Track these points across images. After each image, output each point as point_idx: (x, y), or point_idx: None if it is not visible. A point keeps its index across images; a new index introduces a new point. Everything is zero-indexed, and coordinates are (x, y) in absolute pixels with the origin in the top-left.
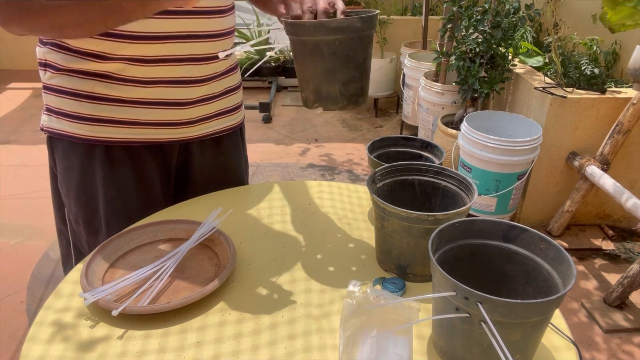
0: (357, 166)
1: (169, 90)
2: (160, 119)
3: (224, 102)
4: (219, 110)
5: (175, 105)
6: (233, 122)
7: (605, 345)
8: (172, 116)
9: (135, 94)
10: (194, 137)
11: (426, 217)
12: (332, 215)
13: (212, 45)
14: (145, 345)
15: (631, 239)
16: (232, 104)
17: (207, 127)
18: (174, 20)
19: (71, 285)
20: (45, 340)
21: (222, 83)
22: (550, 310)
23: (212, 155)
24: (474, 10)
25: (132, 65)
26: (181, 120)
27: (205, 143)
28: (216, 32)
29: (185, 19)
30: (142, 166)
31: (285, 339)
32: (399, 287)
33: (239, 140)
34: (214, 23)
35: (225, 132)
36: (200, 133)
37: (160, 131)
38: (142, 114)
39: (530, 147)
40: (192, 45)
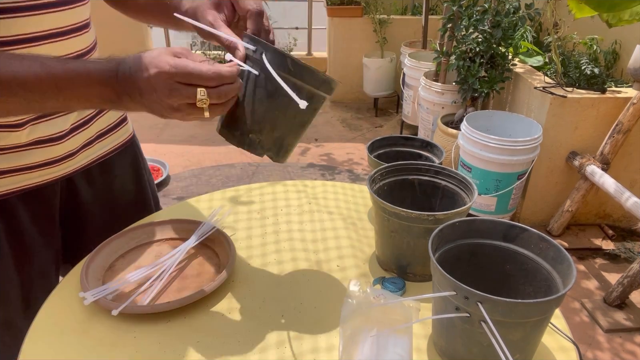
0: (357, 166)
1: (38, 127)
2: (33, 162)
3: (103, 121)
4: (100, 131)
5: (48, 142)
6: (122, 139)
7: (607, 345)
8: (49, 154)
9: (9, 140)
10: (76, 169)
11: (426, 216)
12: (332, 215)
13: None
14: (145, 345)
15: (631, 238)
16: (112, 121)
17: (91, 153)
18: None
19: (71, 285)
20: (45, 339)
21: None
22: (550, 309)
23: (103, 183)
24: (474, 10)
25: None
26: (59, 156)
27: (92, 171)
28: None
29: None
30: (16, 221)
31: (285, 339)
32: (399, 287)
33: (134, 155)
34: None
35: (114, 152)
36: (83, 163)
37: (36, 174)
38: (10, 161)
39: (530, 147)
40: None
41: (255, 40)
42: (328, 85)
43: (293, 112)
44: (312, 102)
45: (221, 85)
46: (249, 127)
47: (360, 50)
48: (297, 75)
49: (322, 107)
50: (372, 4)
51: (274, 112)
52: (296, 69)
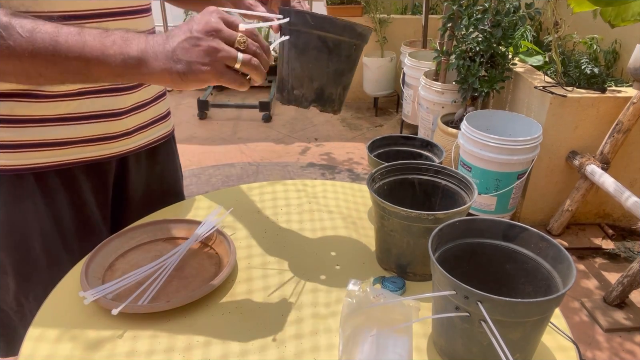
0: (357, 165)
1: (99, 100)
2: (94, 134)
3: (157, 109)
4: (154, 118)
5: (109, 117)
6: (167, 130)
7: (607, 345)
8: (107, 129)
9: (62, 109)
10: (132, 150)
11: (426, 216)
12: (332, 214)
13: None
14: (144, 345)
15: (631, 238)
16: (163, 111)
17: (144, 137)
18: (96, 24)
19: (71, 284)
20: (45, 339)
21: (153, 88)
22: (550, 309)
23: (147, 167)
24: (474, 9)
25: None
26: (117, 133)
27: (141, 155)
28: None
29: (110, 21)
30: (79, 191)
31: (285, 338)
32: (399, 286)
33: (173, 148)
34: (139, 23)
35: (160, 140)
36: (138, 144)
37: (96, 147)
38: (73, 132)
39: (530, 146)
40: None
41: (284, 11)
42: (351, 30)
43: (325, 62)
44: (340, 49)
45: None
46: (292, 84)
47: None
48: (319, 27)
49: (358, 53)
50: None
51: (307, 66)
52: (316, 21)
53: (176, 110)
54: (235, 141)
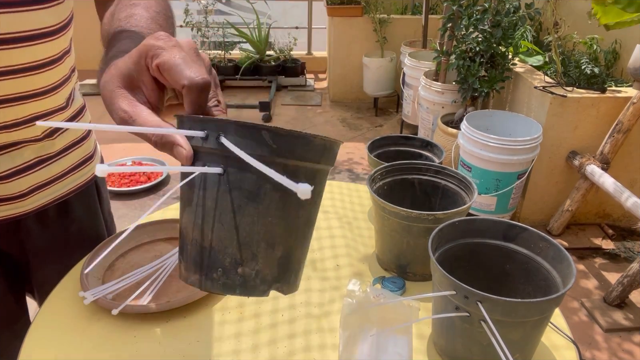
0: (357, 165)
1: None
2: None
3: (69, 159)
4: (61, 172)
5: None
6: (84, 178)
7: (605, 344)
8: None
9: None
10: (29, 211)
11: (426, 216)
12: (332, 215)
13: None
14: (145, 344)
15: (631, 238)
16: (79, 158)
17: (46, 194)
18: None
19: (71, 285)
20: (45, 339)
21: (63, 136)
22: (550, 309)
23: (59, 227)
24: (474, 9)
25: None
26: (5, 196)
27: (47, 213)
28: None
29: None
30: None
31: (285, 338)
32: (399, 286)
33: (95, 195)
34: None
35: (73, 192)
36: (37, 204)
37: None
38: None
39: (530, 147)
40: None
41: (202, 121)
42: (330, 151)
43: (294, 211)
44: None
45: None
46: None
47: (360, 50)
48: (283, 152)
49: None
50: (372, 3)
51: (265, 221)
52: (280, 142)
53: None
54: None
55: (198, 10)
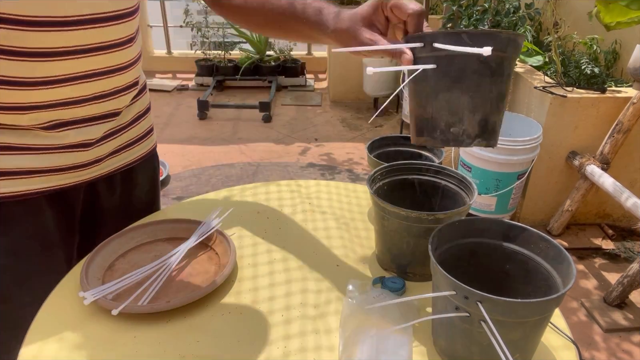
0: (357, 165)
1: (72, 132)
2: (62, 164)
3: (134, 131)
4: (129, 141)
5: (79, 147)
6: (145, 150)
7: (604, 345)
8: (76, 159)
9: (30, 140)
10: (101, 175)
11: (426, 216)
12: (332, 215)
13: (124, 76)
14: (144, 345)
15: (631, 238)
16: (142, 131)
17: (116, 161)
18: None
19: (71, 285)
20: (45, 339)
21: (131, 110)
22: (550, 309)
23: (122, 191)
24: (474, 10)
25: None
26: (88, 161)
27: (114, 178)
28: (124, 64)
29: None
30: (41, 220)
31: (285, 339)
32: (399, 286)
33: (153, 167)
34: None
35: (136, 162)
36: (108, 169)
37: (64, 176)
38: (40, 161)
39: (530, 147)
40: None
41: (419, 37)
42: (514, 43)
43: (488, 87)
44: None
45: None
46: (447, 121)
47: None
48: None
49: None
50: None
51: (467, 95)
52: (475, 39)
53: (176, 110)
54: (235, 141)
55: (198, 10)
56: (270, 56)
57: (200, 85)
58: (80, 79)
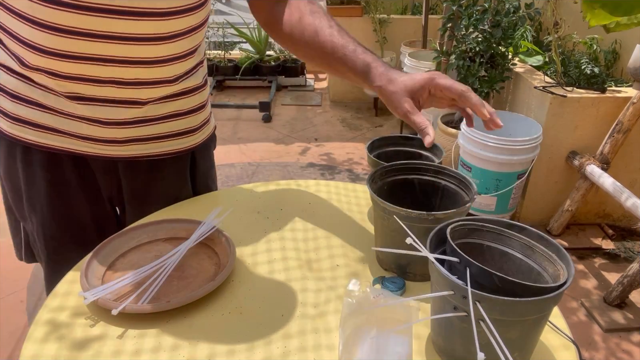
0: (357, 165)
1: (88, 107)
2: (79, 132)
3: (164, 127)
4: (158, 134)
5: (95, 122)
6: (182, 146)
7: (604, 344)
8: (91, 132)
9: (58, 105)
10: (122, 156)
11: (426, 216)
12: (332, 215)
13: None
14: (144, 344)
15: (631, 238)
16: (185, 127)
17: (139, 149)
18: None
19: (71, 285)
20: (45, 339)
21: (164, 107)
22: (549, 308)
23: (148, 178)
24: (474, 9)
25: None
26: (101, 138)
27: (138, 164)
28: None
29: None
30: (61, 172)
31: (285, 338)
32: (399, 287)
33: (187, 163)
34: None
35: (165, 156)
36: (129, 154)
37: (80, 143)
38: (61, 123)
39: (530, 147)
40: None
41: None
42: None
43: None
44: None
45: None
46: None
47: None
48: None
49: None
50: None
51: None
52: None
53: None
54: (235, 141)
55: None
56: (270, 56)
57: None
58: (99, 60)
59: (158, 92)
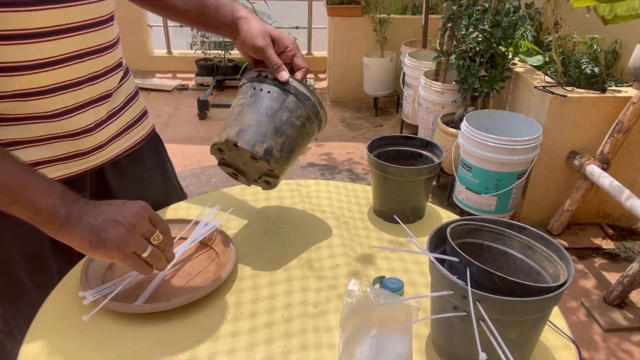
0: (357, 165)
1: (74, 119)
2: (66, 152)
3: (128, 115)
4: (126, 124)
5: (81, 133)
6: (143, 132)
7: (604, 344)
8: (79, 146)
9: (35, 132)
10: (106, 161)
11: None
12: (332, 214)
13: (110, 56)
14: (144, 344)
15: (631, 238)
16: (136, 114)
17: (117, 146)
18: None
19: (71, 284)
20: (45, 339)
21: (120, 93)
22: (548, 307)
23: (133, 174)
24: (474, 9)
25: (25, 101)
26: (89, 148)
27: (120, 163)
28: (108, 43)
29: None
30: None
31: (284, 338)
32: (399, 286)
33: (157, 149)
34: (105, 34)
35: (138, 145)
36: (112, 155)
37: (68, 165)
38: (46, 152)
39: (530, 146)
40: (93, 61)
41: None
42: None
43: None
44: None
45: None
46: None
47: (360, 50)
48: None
49: None
50: (372, 3)
51: None
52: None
53: (176, 110)
54: None
55: None
56: None
57: (200, 85)
58: (73, 59)
59: (116, 78)
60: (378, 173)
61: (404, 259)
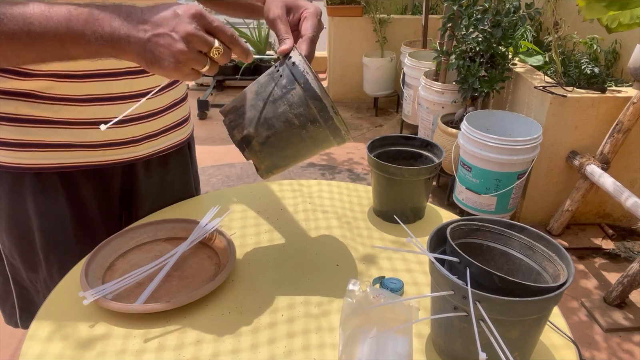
0: (357, 165)
1: (107, 108)
2: (97, 140)
3: (170, 117)
4: (166, 126)
5: (116, 123)
6: (180, 138)
7: (604, 344)
8: (112, 135)
9: (66, 113)
10: (139, 157)
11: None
12: (332, 214)
13: None
14: (144, 344)
15: (631, 238)
16: (178, 118)
17: (153, 145)
18: None
19: (71, 284)
20: (45, 338)
21: (169, 95)
22: (548, 307)
23: (159, 175)
24: (474, 9)
25: (60, 82)
26: (123, 140)
27: (152, 163)
28: None
29: None
30: (78, 193)
31: (285, 338)
32: (399, 287)
33: (187, 157)
34: None
35: (172, 149)
36: (145, 152)
37: (99, 153)
38: (76, 136)
39: (530, 146)
40: None
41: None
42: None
43: None
44: None
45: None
46: None
47: (360, 50)
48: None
49: None
50: (372, 3)
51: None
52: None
53: None
54: None
55: None
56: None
57: (200, 85)
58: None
59: (161, 79)
60: (378, 173)
61: (406, 259)
